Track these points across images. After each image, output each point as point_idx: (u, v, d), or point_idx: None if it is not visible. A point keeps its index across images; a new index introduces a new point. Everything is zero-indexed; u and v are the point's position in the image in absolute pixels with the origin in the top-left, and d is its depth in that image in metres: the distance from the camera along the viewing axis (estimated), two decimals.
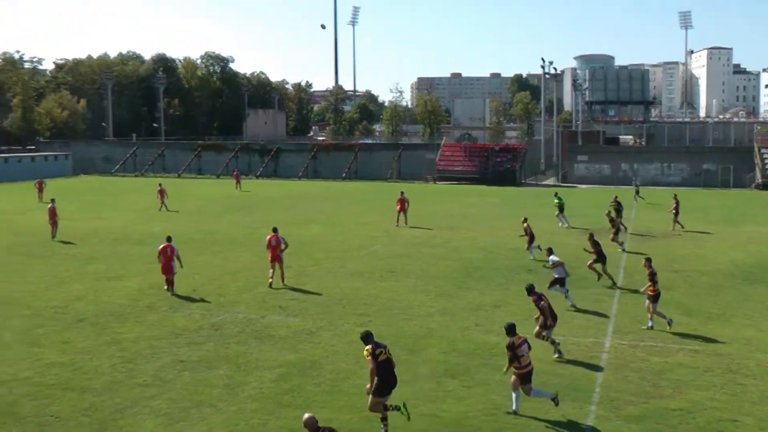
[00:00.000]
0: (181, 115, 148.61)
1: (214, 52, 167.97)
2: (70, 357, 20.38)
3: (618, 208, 43.45)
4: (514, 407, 16.34)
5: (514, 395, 16.40)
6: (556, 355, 20.18)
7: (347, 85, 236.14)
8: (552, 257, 26.26)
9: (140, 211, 53.55)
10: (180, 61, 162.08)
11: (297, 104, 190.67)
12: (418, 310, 25.36)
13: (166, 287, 27.78)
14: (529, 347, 16.56)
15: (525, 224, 35.89)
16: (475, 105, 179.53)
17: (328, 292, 27.93)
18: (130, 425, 15.90)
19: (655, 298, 22.86)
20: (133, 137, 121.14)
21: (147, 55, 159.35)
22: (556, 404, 16.33)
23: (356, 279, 30.39)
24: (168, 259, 27.78)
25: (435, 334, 22.39)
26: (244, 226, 45.55)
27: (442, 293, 27.73)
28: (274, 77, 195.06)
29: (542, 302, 20.20)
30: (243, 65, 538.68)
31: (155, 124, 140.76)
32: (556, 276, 25.91)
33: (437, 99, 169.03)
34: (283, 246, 29.30)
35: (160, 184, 57.92)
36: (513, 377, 16.44)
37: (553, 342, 20.26)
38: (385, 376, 15.14)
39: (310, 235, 41.62)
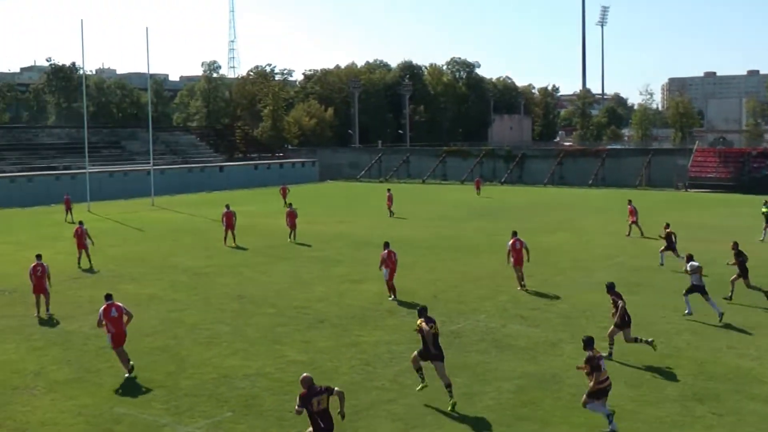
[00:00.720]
0: (426, 121, 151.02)
1: (460, 58, 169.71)
2: (311, 356, 21.09)
3: None
4: (609, 424, 15.82)
5: (601, 410, 15.95)
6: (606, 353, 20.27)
7: (595, 88, 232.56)
8: (691, 263, 25.28)
9: (383, 215, 54.74)
10: (426, 67, 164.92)
11: (543, 109, 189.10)
12: (665, 326, 24.15)
13: (391, 296, 28.18)
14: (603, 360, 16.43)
15: (668, 229, 34.72)
16: (730, 106, 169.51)
17: (572, 303, 27.28)
18: (366, 427, 16.16)
19: None
20: (378, 144, 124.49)
21: (394, 63, 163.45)
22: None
23: (601, 290, 29.22)
24: (395, 264, 28.18)
25: (683, 354, 21.24)
26: (488, 232, 45.46)
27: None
28: (520, 81, 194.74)
29: (620, 302, 20.90)
30: (489, 70, 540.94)
31: (400, 131, 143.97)
32: (694, 283, 25.03)
33: (689, 100, 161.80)
34: (525, 253, 29.32)
35: (389, 190, 58.93)
36: (585, 396, 16.10)
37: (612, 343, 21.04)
38: (427, 345, 17.43)
39: (554, 243, 40.98)
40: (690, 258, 25.84)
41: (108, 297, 20.19)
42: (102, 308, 19.80)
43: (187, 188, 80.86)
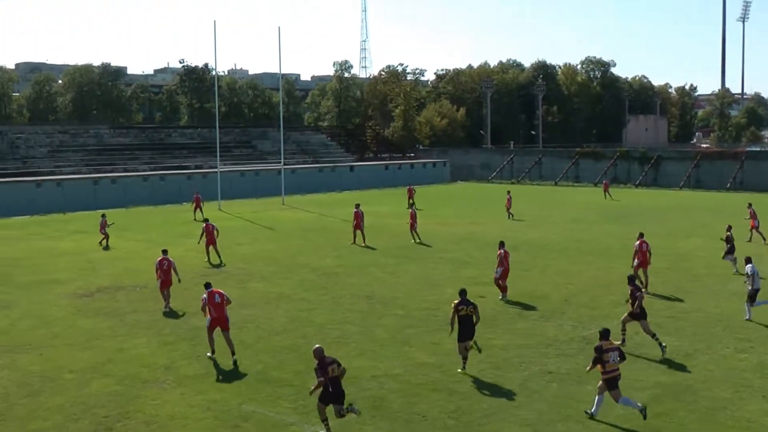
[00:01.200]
0: (559, 121, 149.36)
1: (594, 57, 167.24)
2: (439, 358, 21.08)
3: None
4: (593, 410, 16.97)
5: (597, 398, 16.99)
6: (620, 342, 21.17)
7: (735, 88, 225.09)
8: (749, 267, 25.53)
9: (514, 217, 54.25)
10: (560, 67, 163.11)
11: (680, 109, 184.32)
12: None
13: (501, 296, 28.30)
14: (622, 357, 17.15)
15: (728, 233, 34.47)
16: None
17: (707, 312, 26.44)
18: (495, 431, 16.06)
19: None
20: (510, 144, 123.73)
21: (527, 63, 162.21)
22: (644, 417, 16.48)
23: (738, 299, 28.29)
24: (508, 265, 28.62)
25: None
26: (620, 236, 44.43)
27: None
28: (656, 81, 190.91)
29: (638, 293, 22.25)
30: (624, 69, 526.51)
31: (533, 131, 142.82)
32: (752, 288, 25.43)
33: None
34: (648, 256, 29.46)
35: (508, 192, 58.32)
36: (600, 381, 17.02)
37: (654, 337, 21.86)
38: (462, 327, 19.77)
39: (689, 249, 39.89)
40: (749, 261, 25.85)
41: (207, 285, 21.90)
42: (205, 294, 21.51)
43: (317, 188, 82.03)
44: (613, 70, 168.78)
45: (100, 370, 20.60)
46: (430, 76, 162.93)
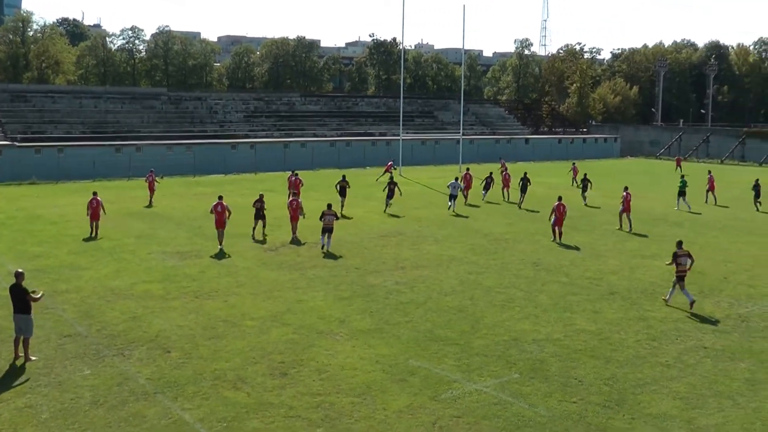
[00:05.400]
0: (728, 101, 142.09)
1: None
2: (599, 326, 20.59)
3: None
4: (667, 297, 23.31)
5: (671, 290, 23.17)
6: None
7: None
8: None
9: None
10: (733, 48, 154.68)
11: None
12: None
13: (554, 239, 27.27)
14: (692, 261, 22.88)
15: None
16: None
17: None
18: (647, 401, 15.55)
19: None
20: (679, 123, 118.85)
21: (701, 43, 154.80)
22: (691, 305, 22.30)
23: None
24: (563, 215, 29.38)
25: None
26: None
27: None
28: None
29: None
30: None
31: (702, 111, 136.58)
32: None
33: None
34: None
35: (573, 163, 56.08)
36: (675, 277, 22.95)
37: None
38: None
39: None
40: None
41: (220, 197, 31.12)
42: (215, 203, 30.50)
43: (493, 157, 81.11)
44: None
45: (279, 319, 20.91)
46: (606, 55, 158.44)
